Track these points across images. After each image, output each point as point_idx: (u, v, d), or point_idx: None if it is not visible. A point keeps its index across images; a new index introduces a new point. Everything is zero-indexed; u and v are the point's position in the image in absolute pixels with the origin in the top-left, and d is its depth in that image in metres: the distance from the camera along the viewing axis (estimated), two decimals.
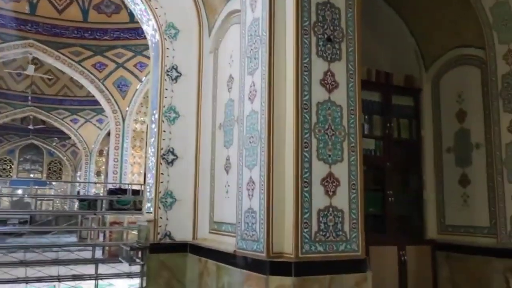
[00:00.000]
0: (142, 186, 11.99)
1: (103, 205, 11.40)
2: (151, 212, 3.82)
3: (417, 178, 4.76)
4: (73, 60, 11.36)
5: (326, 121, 2.77)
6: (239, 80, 3.19)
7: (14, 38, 10.76)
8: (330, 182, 2.72)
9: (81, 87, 17.99)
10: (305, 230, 2.60)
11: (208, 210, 3.78)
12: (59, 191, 25.04)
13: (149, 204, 3.93)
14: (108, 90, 11.70)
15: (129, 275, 4.48)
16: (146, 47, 11.30)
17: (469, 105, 4.46)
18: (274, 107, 2.78)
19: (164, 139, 3.87)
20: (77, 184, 25.76)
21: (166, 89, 3.96)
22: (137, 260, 3.77)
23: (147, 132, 16.03)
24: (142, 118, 11.95)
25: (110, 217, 11.31)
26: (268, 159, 2.71)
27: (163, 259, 3.71)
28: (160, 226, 3.74)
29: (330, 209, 2.69)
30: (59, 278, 4.44)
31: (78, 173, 25.79)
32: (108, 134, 19.44)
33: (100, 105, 18.69)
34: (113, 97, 11.73)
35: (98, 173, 18.94)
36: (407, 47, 4.98)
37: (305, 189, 2.64)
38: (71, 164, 25.63)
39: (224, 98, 3.71)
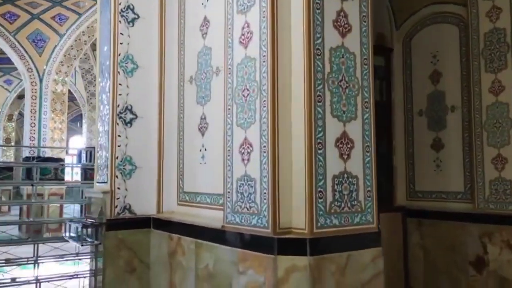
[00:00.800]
0: (64, 152, 10.87)
1: (21, 175, 10.18)
2: (106, 182, 3.16)
3: (387, 143, 4.55)
4: None
5: (340, 71, 2.33)
6: (225, 22, 2.61)
7: None
8: (344, 143, 2.31)
9: None
10: (320, 200, 2.18)
11: (175, 178, 3.20)
12: None
13: (102, 173, 3.26)
14: (21, 44, 10.22)
15: (77, 256, 3.78)
16: None
17: (444, 66, 4.27)
18: (279, 52, 2.27)
19: (120, 95, 3.18)
20: None
21: (122, 34, 3.24)
22: (89, 240, 3.12)
23: (86, 94, 14.53)
24: (63, 78, 10.67)
25: (27, 189, 10.11)
26: (272, 115, 2.22)
27: (122, 237, 3.10)
28: (118, 199, 3.10)
29: (345, 175, 2.29)
30: None
31: None
32: (19, 97, 17.45)
33: (9, 63, 16.60)
34: (27, 53, 10.29)
35: (7, 140, 17.04)
36: (379, 2, 4.66)
37: (319, 151, 2.20)
38: None
39: (196, 46, 3.09)
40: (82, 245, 3.18)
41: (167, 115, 3.29)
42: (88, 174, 15.11)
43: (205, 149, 2.95)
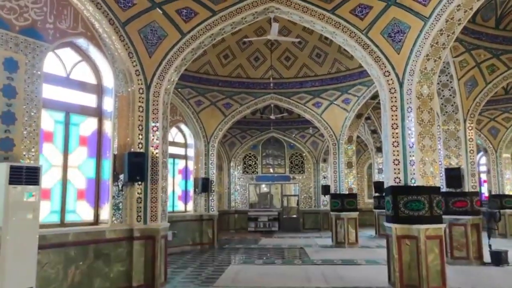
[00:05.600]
0: (439, 179, 7.93)
1: (390, 208, 7.79)
2: None
3: None
4: (324, 9, 8.10)
5: None
6: None
7: None
8: None
9: (322, 63, 15.18)
10: None
11: None
12: (301, 185, 23.35)
13: None
14: (375, 43, 8.02)
15: None
16: None
17: None
18: None
19: None
20: (322, 177, 23.51)
21: None
22: None
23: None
24: (429, 78, 7.87)
25: (396, 229, 7.63)
26: None
27: None
28: None
29: None
30: None
31: (320, 165, 23.55)
32: (358, 116, 16.14)
33: (345, 81, 15.41)
34: (383, 53, 7.99)
35: (348, 164, 15.77)
36: None
37: None
38: (312, 156, 23.58)
39: None
40: None
41: None
42: (450, 202, 11.82)
43: None
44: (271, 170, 23.92)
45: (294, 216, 23.55)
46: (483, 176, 21.01)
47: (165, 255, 8.20)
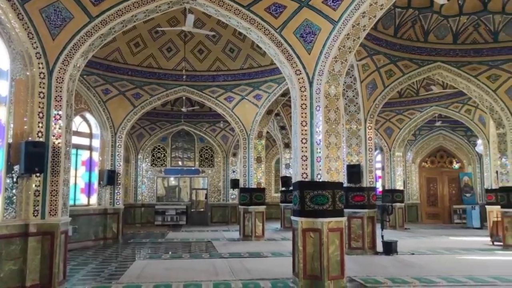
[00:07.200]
0: (341, 175, 8.44)
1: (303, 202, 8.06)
2: None
3: None
4: (240, 4, 8.15)
5: None
6: None
7: None
8: None
9: (235, 58, 15.26)
10: None
11: None
12: (210, 179, 23.37)
13: None
14: (287, 42, 8.26)
15: None
16: None
17: None
18: None
19: None
20: (231, 171, 23.74)
21: None
22: None
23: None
24: (336, 79, 8.30)
25: (302, 223, 7.95)
26: None
27: None
28: None
29: None
30: None
31: (230, 159, 23.77)
32: (268, 112, 16.53)
33: (257, 77, 15.70)
34: (295, 52, 8.26)
35: (258, 159, 16.11)
36: None
37: None
38: (222, 150, 23.70)
39: None
40: None
41: None
42: (350, 197, 12.60)
43: None
44: (180, 163, 23.62)
45: (202, 209, 23.52)
46: (378, 173, 22.73)
47: (65, 251, 7.69)
